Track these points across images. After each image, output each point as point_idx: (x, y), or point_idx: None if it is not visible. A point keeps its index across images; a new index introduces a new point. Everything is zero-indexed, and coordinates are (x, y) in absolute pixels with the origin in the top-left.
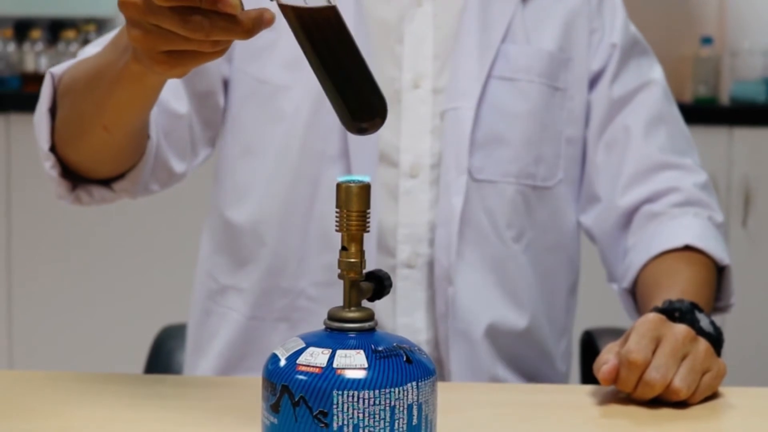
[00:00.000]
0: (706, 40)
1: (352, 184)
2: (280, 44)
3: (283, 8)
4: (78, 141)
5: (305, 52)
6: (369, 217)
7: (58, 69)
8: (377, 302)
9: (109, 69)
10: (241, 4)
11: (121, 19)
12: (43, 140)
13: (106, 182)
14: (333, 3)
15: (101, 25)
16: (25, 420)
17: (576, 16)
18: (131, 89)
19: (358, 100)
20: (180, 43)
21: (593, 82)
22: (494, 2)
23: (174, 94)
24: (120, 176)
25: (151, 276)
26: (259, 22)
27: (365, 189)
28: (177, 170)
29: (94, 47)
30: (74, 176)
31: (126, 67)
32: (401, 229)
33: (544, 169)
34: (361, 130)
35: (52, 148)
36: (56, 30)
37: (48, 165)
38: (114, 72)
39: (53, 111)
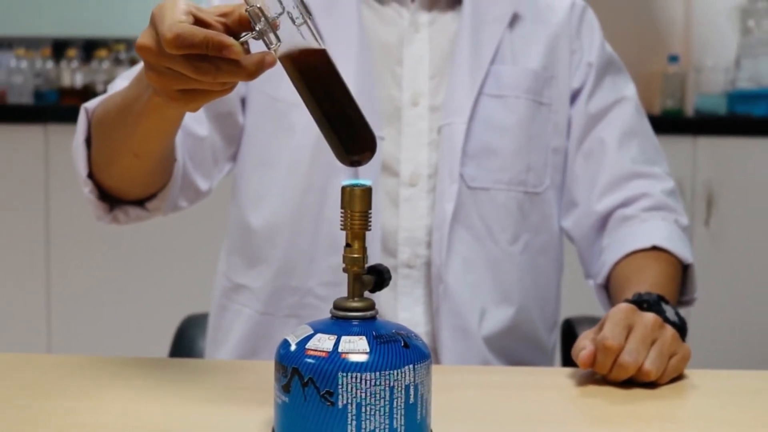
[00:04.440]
0: (673, 58)
1: (356, 188)
2: None
3: (287, 64)
4: (112, 167)
5: (302, 95)
6: (370, 217)
7: (91, 104)
8: (381, 299)
9: (135, 102)
10: (247, 48)
11: None
12: (81, 167)
13: (139, 202)
14: (323, 46)
15: (130, 45)
16: (62, 399)
17: (558, 38)
18: (155, 119)
19: (351, 137)
20: (191, 83)
21: (573, 98)
22: (484, 28)
23: (195, 119)
24: (151, 196)
25: (175, 270)
26: (261, 65)
27: (367, 192)
28: (202, 188)
29: (122, 81)
30: (110, 199)
31: (149, 99)
32: (402, 233)
33: (534, 176)
34: (353, 163)
35: (90, 175)
36: (90, 49)
37: (86, 190)
38: (139, 105)
39: (88, 141)
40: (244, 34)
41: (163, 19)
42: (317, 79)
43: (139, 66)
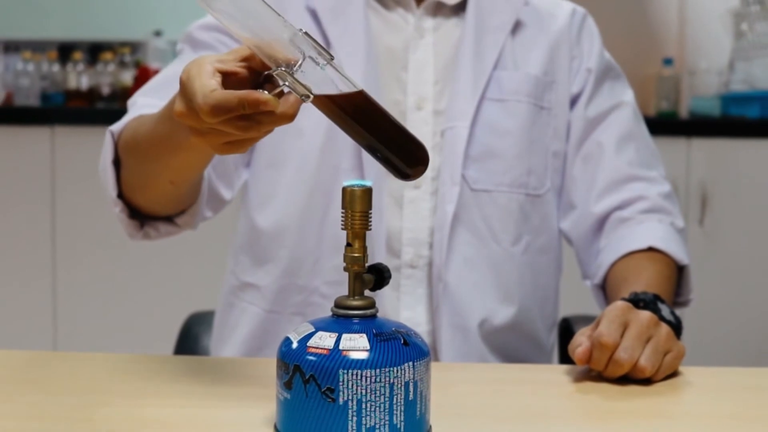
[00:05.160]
0: (668, 61)
1: (356, 188)
2: None
3: (327, 107)
4: (145, 191)
5: (347, 133)
6: (371, 217)
7: (116, 127)
8: (384, 298)
9: (170, 139)
10: (282, 92)
11: (152, 45)
12: (111, 189)
13: (168, 218)
14: (357, 86)
15: (135, 48)
16: (69, 395)
17: (558, 44)
18: (193, 154)
19: (405, 158)
20: (235, 136)
21: (572, 102)
22: (487, 35)
23: None
24: (181, 212)
25: (180, 268)
26: (297, 104)
27: (367, 192)
28: (226, 197)
29: (144, 98)
30: (140, 215)
31: (187, 139)
32: (405, 234)
33: (535, 179)
34: (407, 177)
35: (120, 195)
36: (95, 52)
37: (117, 210)
38: (176, 141)
39: (116, 163)
40: (274, 77)
41: (194, 91)
42: (357, 117)
43: (162, 78)
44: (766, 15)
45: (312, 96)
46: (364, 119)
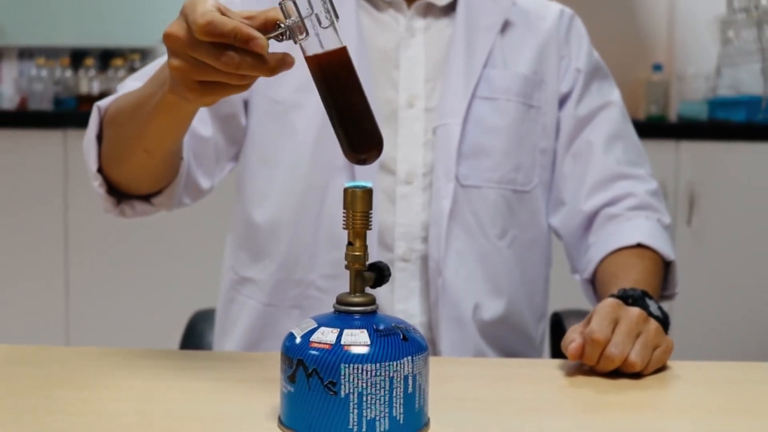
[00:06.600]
0: (657, 67)
1: (357, 189)
2: (293, 70)
3: (306, 56)
4: (122, 162)
5: (320, 92)
6: (371, 217)
7: (104, 102)
8: (379, 291)
9: (149, 100)
10: (277, 38)
11: (161, 51)
12: (92, 162)
13: (146, 197)
14: (343, 44)
15: (145, 55)
16: (79, 389)
17: (547, 44)
18: (167, 117)
19: (360, 136)
20: (212, 74)
21: (562, 102)
22: (477, 34)
23: (200, 121)
24: (157, 192)
25: (186, 268)
26: (281, 63)
27: (368, 193)
28: (204, 186)
29: (133, 81)
30: (118, 193)
31: (163, 97)
32: (398, 228)
33: (523, 175)
34: (360, 161)
35: (100, 170)
36: (106, 58)
37: (96, 184)
38: (153, 103)
39: (99, 138)
40: (277, 27)
41: (194, 9)
42: (337, 79)
43: (152, 66)
44: (751, 22)
45: (307, 35)
46: (338, 83)
